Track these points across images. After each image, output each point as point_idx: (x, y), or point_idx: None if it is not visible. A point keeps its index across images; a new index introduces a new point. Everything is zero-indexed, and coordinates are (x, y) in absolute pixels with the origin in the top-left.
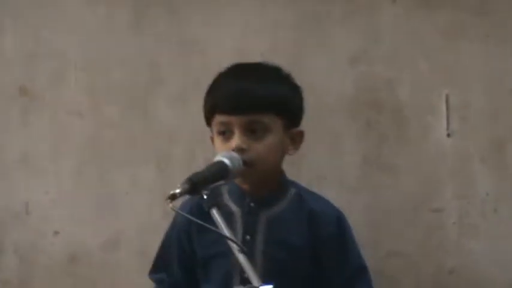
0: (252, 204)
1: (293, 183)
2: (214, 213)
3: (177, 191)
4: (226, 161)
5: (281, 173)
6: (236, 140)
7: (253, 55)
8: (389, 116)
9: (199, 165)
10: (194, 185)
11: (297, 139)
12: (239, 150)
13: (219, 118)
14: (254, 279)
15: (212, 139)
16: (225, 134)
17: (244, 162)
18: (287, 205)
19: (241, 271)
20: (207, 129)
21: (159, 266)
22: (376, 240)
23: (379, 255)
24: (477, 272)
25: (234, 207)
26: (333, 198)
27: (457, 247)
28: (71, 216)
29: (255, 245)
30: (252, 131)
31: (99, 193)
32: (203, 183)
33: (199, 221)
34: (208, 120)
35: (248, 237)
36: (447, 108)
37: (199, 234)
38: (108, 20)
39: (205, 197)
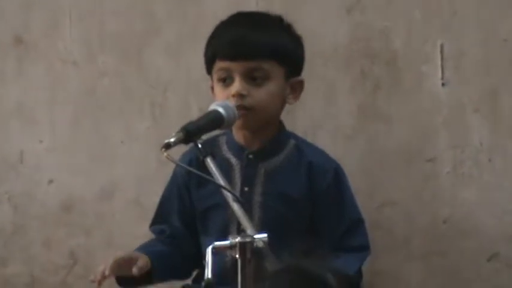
0: (250, 156)
1: (292, 135)
2: (209, 162)
3: (172, 140)
4: (221, 109)
5: (280, 123)
6: (236, 86)
7: (249, 5)
8: (383, 66)
9: (194, 115)
10: (188, 133)
11: (297, 88)
12: (239, 96)
13: (219, 64)
14: (249, 228)
15: (212, 88)
16: (226, 81)
17: (244, 108)
18: (286, 157)
19: (238, 222)
20: (203, 79)
21: (159, 219)
22: (370, 189)
23: (374, 205)
24: (471, 222)
25: (232, 159)
26: (328, 147)
27: (451, 197)
28: (66, 165)
29: (253, 197)
30: (252, 78)
31: (94, 142)
32: (198, 132)
33: (194, 170)
34: (209, 68)
35: (246, 188)
36: (441, 58)
37: (198, 186)
38: None
39: (199, 146)
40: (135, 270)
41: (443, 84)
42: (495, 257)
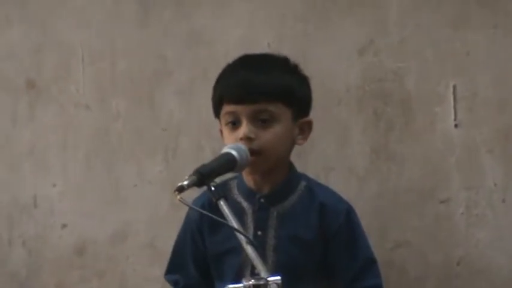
0: (262, 200)
1: (303, 176)
2: (222, 204)
3: (185, 182)
4: (234, 152)
5: (290, 165)
6: (244, 129)
7: (260, 46)
8: (396, 107)
9: (206, 157)
10: (202, 176)
11: (305, 129)
12: (247, 139)
13: (226, 108)
14: (262, 270)
15: (221, 131)
16: (234, 124)
17: (252, 151)
18: (297, 199)
19: (253, 266)
20: (214, 121)
21: (173, 267)
22: (384, 230)
23: (388, 246)
24: (485, 262)
25: (244, 204)
26: (340, 189)
27: (465, 237)
28: (79, 208)
29: (266, 240)
30: (259, 120)
31: (106, 186)
32: (211, 175)
33: (208, 213)
34: (217, 112)
35: (260, 232)
36: (454, 99)
37: (211, 231)
38: (115, 12)
39: (213, 188)
40: None
41: (456, 125)
42: None
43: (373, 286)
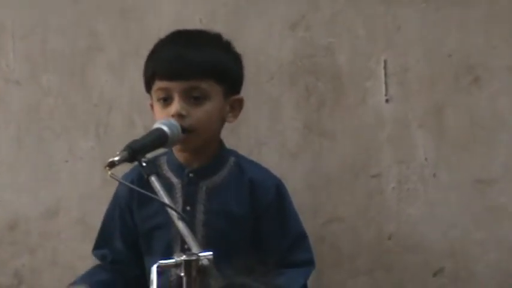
0: (191, 175)
1: (232, 152)
2: (154, 180)
3: (116, 158)
4: (165, 128)
5: (220, 141)
6: (175, 106)
7: (192, 22)
8: (328, 82)
9: (138, 133)
10: (133, 152)
11: (236, 107)
12: (178, 116)
13: (158, 84)
14: (194, 246)
15: (152, 106)
16: (165, 100)
17: (184, 129)
18: (227, 174)
19: (182, 241)
20: (146, 97)
21: (101, 242)
22: (316, 206)
23: (320, 221)
24: (416, 237)
25: (173, 179)
26: (273, 164)
27: (396, 212)
28: (11, 184)
29: (195, 215)
30: (191, 97)
31: (38, 161)
32: (142, 151)
33: (139, 189)
34: (148, 87)
35: (188, 207)
36: (385, 74)
37: (140, 207)
38: None
39: (144, 164)
40: None
41: (387, 100)
42: (440, 272)
43: (305, 260)
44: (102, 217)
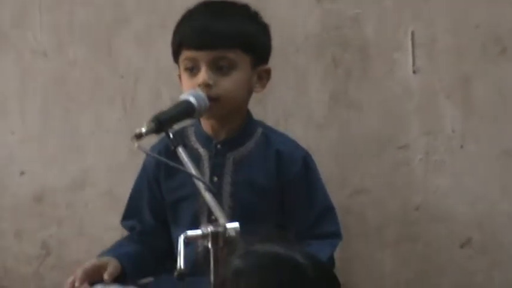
0: (218, 146)
1: (259, 124)
2: (181, 151)
3: (143, 129)
4: (192, 99)
5: (247, 112)
6: (202, 76)
7: None
8: (355, 53)
9: (165, 104)
10: (160, 123)
11: (264, 77)
12: (205, 85)
13: (185, 54)
14: (221, 217)
15: (179, 76)
16: (192, 70)
17: (210, 98)
18: (254, 146)
19: (209, 212)
20: (173, 68)
21: (129, 213)
22: (342, 177)
23: (346, 193)
24: (443, 208)
25: (201, 150)
26: (299, 136)
27: (423, 183)
28: (37, 156)
29: (222, 187)
30: (218, 67)
31: (65, 133)
32: (169, 122)
33: (166, 160)
34: (176, 57)
35: (216, 178)
36: (413, 45)
37: (167, 178)
38: None
39: (171, 135)
40: (106, 277)
41: (414, 72)
42: (468, 243)
43: (331, 233)
44: (130, 189)
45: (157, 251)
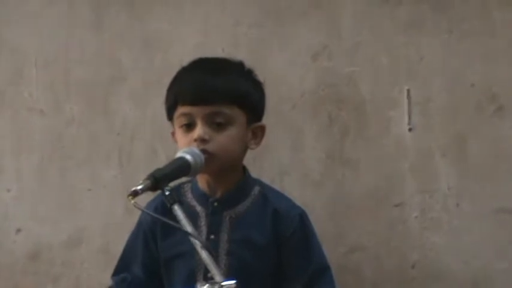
0: (215, 204)
1: (256, 181)
2: (177, 209)
3: (139, 187)
4: (188, 156)
5: (244, 169)
6: (198, 131)
7: (215, 51)
8: (351, 111)
9: (161, 162)
10: (156, 181)
11: (258, 133)
12: (201, 140)
13: (181, 110)
14: (217, 275)
15: (173, 135)
16: (188, 126)
17: (206, 153)
18: (251, 204)
19: (205, 270)
20: (169, 126)
21: (121, 268)
22: (339, 235)
23: (342, 250)
24: (439, 266)
25: (198, 207)
26: (295, 194)
27: (419, 241)
28: (33, 213)
29: (219, 244)
30: (214, 123)
31: (61, 190)
32: (165, 179)
33: (162, 218)
34: (170, 114)
35: (212, 236)
36: (408, 103)
37: (164, 234)
38: (68, 17)
39: (167, 193)
40: None
41: (410, 129)
42: None
43: None
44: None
45: None
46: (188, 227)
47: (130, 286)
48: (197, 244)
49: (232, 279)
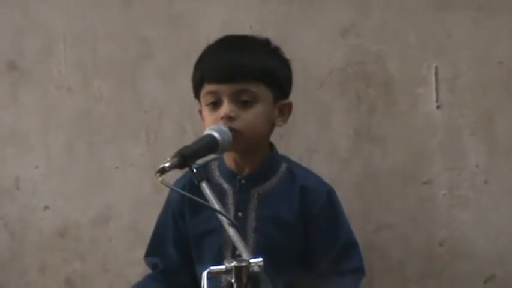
0: (243, 181)
1: (284, 158)
2: (205, 186)
3: (167, 164)
4: (216, 134)
5: (271, 147)
6: (225, 108)
7: (242, 29)
8: (379, 89)
9: (189, 139)
10: (184, 158)
11: (285, 111)
12: (227, 118)
13: (207, 88)
14: (245, 252)
15: (200, 113)
16: (214, 104)
17: (233, 131)
18: (278, 181)
19: (233, 248)
20: (197, 103)
21: (153, 249)
22: (366, 212)
23: (370, 228)
24: (467, 244)
25: (225, 185)
26: (323, 171)
27: (447, 219)
28: (61, 191)
29: (247, 222)
30: (240, 101)
31: (89, 168)
32: (193, 157)
33: (190, 195)
34: (197, 92)
35: (240, 214)
36: (436, 80)
37: (192, 212)
38: None
39: (195, 170)
40: None
41: (438, 107)
42: (491, 279)
43: (354, 268)
44: (154, 223)
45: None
46: (216, 205)
47: (163, 272)
48: (225, 221)
49: (260, 257)
